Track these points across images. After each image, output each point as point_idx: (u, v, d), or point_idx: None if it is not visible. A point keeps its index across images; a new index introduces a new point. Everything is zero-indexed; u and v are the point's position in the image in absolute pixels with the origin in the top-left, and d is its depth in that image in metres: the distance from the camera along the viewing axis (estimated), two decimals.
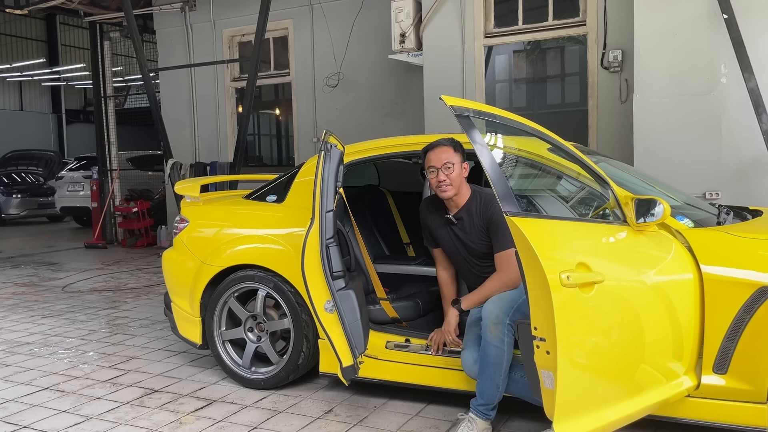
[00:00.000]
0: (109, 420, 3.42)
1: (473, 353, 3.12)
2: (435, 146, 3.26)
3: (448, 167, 3.20)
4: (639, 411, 2.62)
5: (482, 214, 3.27)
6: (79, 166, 14.02)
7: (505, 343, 2.96)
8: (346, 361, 3.25)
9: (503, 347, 2.96)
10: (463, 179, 3.27)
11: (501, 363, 2.97)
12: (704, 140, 5.19)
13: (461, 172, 3.25)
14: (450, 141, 3.27)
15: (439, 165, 3.20)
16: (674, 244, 2.77)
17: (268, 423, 3.33)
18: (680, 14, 5.24)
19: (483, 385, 3.03)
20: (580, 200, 3.45)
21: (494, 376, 2.99)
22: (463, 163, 3.26)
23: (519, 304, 3.01)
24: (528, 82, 7.30)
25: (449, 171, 3.20)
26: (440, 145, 3.25)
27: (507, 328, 2.96)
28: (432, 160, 3.23)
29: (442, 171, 3.20)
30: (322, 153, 3.25)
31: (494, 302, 3.05)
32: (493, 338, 2.97)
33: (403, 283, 4.11)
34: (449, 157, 3.21)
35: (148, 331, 5.21)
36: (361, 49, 8.67)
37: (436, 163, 3.21)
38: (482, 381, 3.03)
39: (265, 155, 10.69)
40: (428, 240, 3.54)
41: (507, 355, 2.98)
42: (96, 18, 10.69)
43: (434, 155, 3.23)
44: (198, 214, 4.20)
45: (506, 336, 2.96)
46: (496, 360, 2.97)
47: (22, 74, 24.84)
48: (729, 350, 2.66)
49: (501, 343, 2.96)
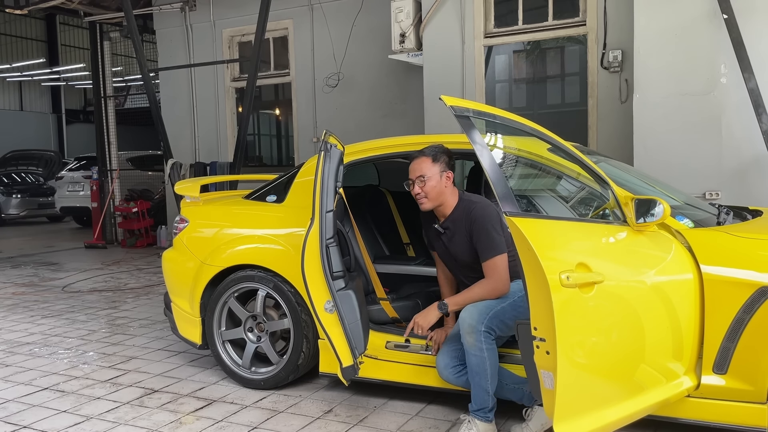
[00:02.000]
0: (109, 420, 3.42)
1: (444, 358, 3.19)
2: (415, 157, 3.22)
3: (421, 180, 3.16)
4: (639, 411, 2.62)
5: (465, 223, 3.20)
6: (79, 166, 14.02)
7: (483, 350, 2.96)
8: (346, 361, 3.25)
9: (483, 354, 2.96)
10: (443, 190, 3.20)
11: (484, 369, 2.97)
12: (704, 140, 5.19)
13: (439, 183, 3.18)
14: (432, 150, 3.21)
15: (413, 177, 3.18)
16: (674, 244, 2.77)
17: (268, 423, 3.33)
18: (680, 14, 5.24)
19: (474, 392, 3.04)
20: (580, 200, 3.45)
21: (481, 383, 3.00)
22: (445, 172, 3.19)
23: (496, 311, 3.00)
24: (528, 82, 7.30)
25: (422, 184, 3.16)
26: (419, 156, 3.21)
27: (483, 335, 2.96)
28: (409, 172, 3.21)
29: (416, 183, 3.17)
30: (322, 153, 3.25)
31: (468, 311, 3.04)
32: (470, 347, 2.98)
33: (403, 283, 4.11)
34: (423, 169, 3.16)
35: (148, 331, 5.21)
36: (361, 49, 8.67)
37: (411, 175, 3.20)
38: (473, 388, 3.04)
39: (265, 155, 10.69)
40: (429, 243, 3.54)
41: (489, 360, 2.97)
42: (96, 18, 10.69)
43: (412, 166, 3.21)
44: (198, 214, 4.20)
45: (484, 343, 2.96)
46: (478, 368, 2.98)
47: (22, 74, 24.84)
48: (729, 350, 2.67)
49: (480, 351, 2.96)
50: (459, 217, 3.23)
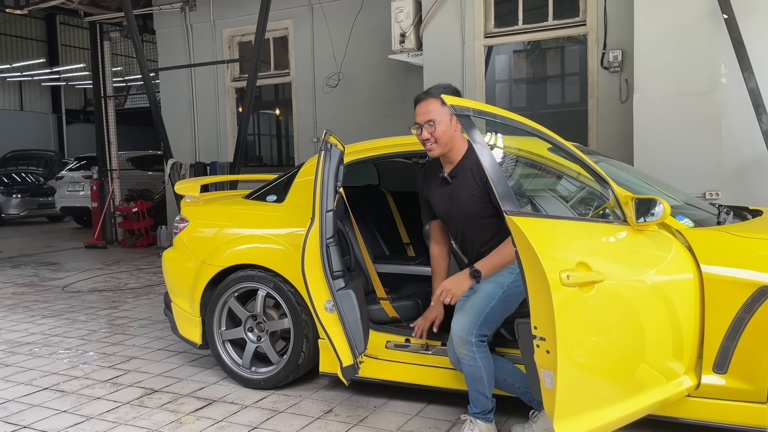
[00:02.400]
0: (109, 420, 3.42)
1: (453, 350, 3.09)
2: (421, 99, 3.01)
3: (430, 124, 2.95)
4: (639, 410, 2.62)
5: (477, 169, 2.97)
6: (79, 166, 14.03)
7: (477, 359, 2.92)
8: (346, 360, 3.25)
9: (477, 363, 2.93)
10: (454, 134, 3.00)
11: (480, 376, 2.95)
12: (704, 140, 5.19)
13: (450, 127, 2.98)
14: (440, 90, 2.93)
15: (421, 122, 2.99)
16: (674, 243, 2.77)
17: (268, 423, 3.33)
18: (680, 14, 5.24)
19: (473, 396, 3.03)
20: (581, 200, 3.45)
21: (479, 388, 2.99)
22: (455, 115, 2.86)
23: (486, 315, 2.93)
24: (528, 82, 7.30)
25: (432, 129, 2.95)
26: (426, 98, 2.98)
27: (475, 345, 2.92)
28: (416, 115, 2.99)
29: (425, 128, 2.98)
30: (322, 153, 3.25)
31: (458, 323, 2.95)
32: (463, 357, 2.96)
33: (403, 282, 4.11)
34: (432, 112, 2.94)
35: (148, 331, 5.21)
36: (361, 49, 8.67)
37: (418, 118, 2.99)
38: (471, 392, 3.03)
39: (265, 155, 10.70)
40: (425, 211, 3.32)
41: (485, 368, 2.94)
42: (96, 18, 10.69)
43: (418, 109, 2.99)
44: (198, 214, 4.20)
45: (477, 353, 2.92)
46: (474, 376, 2.97)
47: (22, 74, 24.84)
48: (729, 350, 2.66)
49: (474, 361, 2.93)
50: (470, 163, 3.00)
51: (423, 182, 3.29)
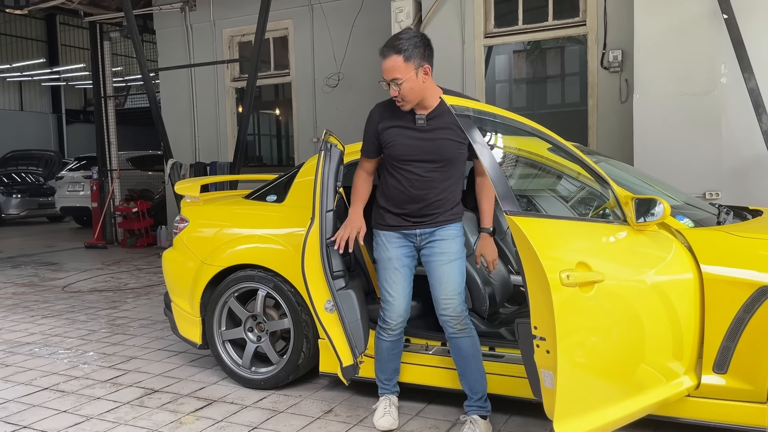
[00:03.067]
0: (109, 420, 3.42)
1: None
2: (384, 55, 2.88)
3: (396, 83, 2.87)
4: (639, 410, 2.62)
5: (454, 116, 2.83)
6: (79, 166, 14.03)
7: (472, 328, 3.09)
8: (346, 360, 3.25)
9: (473, 333, 3.08)
10: (423, 86, 2.91)
11: (479, 348, 3.09)
12: (704, 140, 5.19)
13: (416, 82, 2.88)
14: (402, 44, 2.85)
15: (387, 79, 2.90)
16: (674, 243, 2.77)
17: (268, 423, 3.33)
18: (680, 14, 5.24)
19: (472, 380, 3.09)
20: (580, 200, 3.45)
21: (479, 365, 3.09)
22: (422, 68, 2.88)
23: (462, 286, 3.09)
24: (528, 82, 7.31)
25: (398, 88, 2.88)
26: (389, 54, 2.86)
27: (467, 317, 3.07)
28: (383, 71, 2.88)
29: (391, 85, 2.89)
30: (322, 153, 3.24)
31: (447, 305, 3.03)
32: (461, 333, 3.04)
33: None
34: (396, 71, 2.85)
35: (148, 331, 5.21)
36: (361, 49, 8.67)
37: (384, 75, 2.89)
38: (469, 376, 3.09)
39: (265, 155, 10.70)
40: (371, 149, 3.14)
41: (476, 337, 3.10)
42: (96, 18, 10.69)
43: (383, 65, 2.88)
44: (198, 214, 4.20)
45: (468, 324, 3.07)
46: (474, 348, 3.07)
47: (22, 74, 24.85)
48: (729, 350, 2.66)
49: (471, 331, 3.07)
50: (447, 109, 2.80)
51: (380, 120, 3.08)
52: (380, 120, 3.08)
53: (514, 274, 4.06)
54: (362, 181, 3.24)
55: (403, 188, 3.04)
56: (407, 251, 3.14)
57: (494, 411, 3.30)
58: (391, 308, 3.12)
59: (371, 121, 3.12)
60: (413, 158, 3.01)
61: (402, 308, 3.13)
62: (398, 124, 3.03)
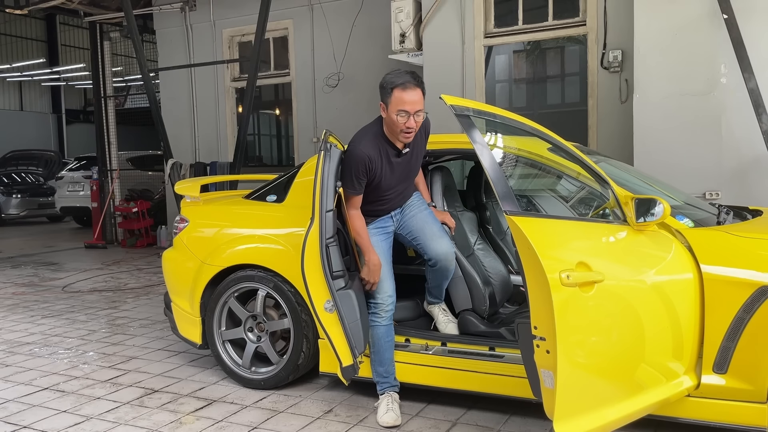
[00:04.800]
0: (109, 420, 3.42)
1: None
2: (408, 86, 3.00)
3: (419, 114, 3.03)
4: (639, 410, 2.62)
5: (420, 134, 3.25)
6: (79, 166, 14.03)
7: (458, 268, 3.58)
8: (346, 360, 3.25)
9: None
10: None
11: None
12: (704, 140, 5.19)
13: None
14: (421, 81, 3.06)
15: (411, 110, 3.01)
16: (674, 243, 2.77)
17: (268, 423, 3.33)
18: (680, 14, 5.24)
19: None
20: (580, 200, 3.45)
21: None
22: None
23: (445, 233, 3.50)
24: (528, 82, 7.30)
25: (419, 118, 3.06)
26: (415, 87, 3.02)
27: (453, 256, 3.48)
28: (407, 103, 2.99)
29: (413, 117, 3.02)
30: (322, 153, 3.24)
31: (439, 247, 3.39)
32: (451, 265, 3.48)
33: (402, 283, 4.09)
34: (421, 103, 3.03)
35: (148, 331, 5.21)
36: (361, 49, 8.67)
37: (408, 107, 3.00)
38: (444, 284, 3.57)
39: (265, 155, 10.70)
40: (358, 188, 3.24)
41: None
42: (96, 18, 10.69)
43: (409, 97, 2.99)
44: (198, 214, 4.20)
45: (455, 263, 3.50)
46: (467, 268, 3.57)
47: (22, 74, 24.83)
48: (729, 350, 2.66)
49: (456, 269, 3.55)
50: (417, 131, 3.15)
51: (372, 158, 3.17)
52: (370, 161, 3.19)
53: (514, 274, 4.06)
54: (359, 220, 3.34)
55: (384, 207, 3.42)
56: (384, 236, 3.46)
57: (494, 411, 3.31)
58: (379, 288, 3.35)
59: (362, 164, 3.17)
60: (397, 184, 3.35)
61: (389, 286, 3.37)
62: (384, 159, 3.23)
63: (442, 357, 3.35)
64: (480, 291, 3.54)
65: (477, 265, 3.68)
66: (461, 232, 3.73)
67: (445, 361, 3.33)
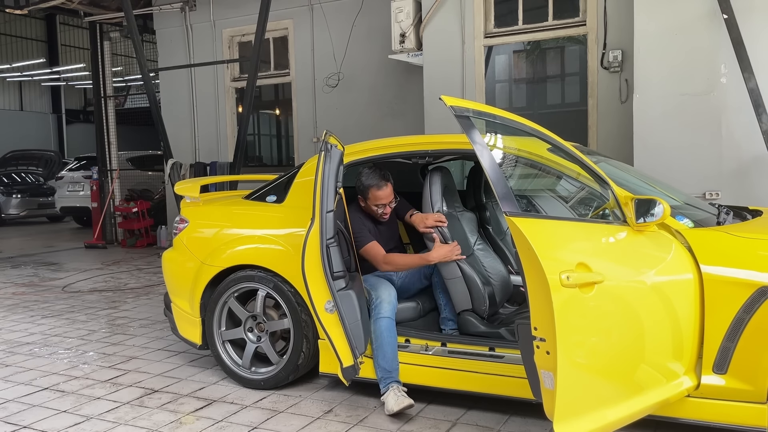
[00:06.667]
0: (109, 420, 3.42)
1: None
2: (382, 185, 3.62)
3: (393, 202, 3.69)
4: (639, 411, 2.62)
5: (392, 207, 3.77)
6: (79, 166, 14.02)
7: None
8: (346, 361, 3.25)
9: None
10: None
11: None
12: (704, 140, 5.19)
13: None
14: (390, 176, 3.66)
15: (387, 201, 3.65)
16: (674, 244, 2.77)
17: (268, 423, 3.33)
18: (680, 14, 5.24)
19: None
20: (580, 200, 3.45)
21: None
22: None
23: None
24: (528, 82, 7.30)
25: (393, 204, 3.70)
26: (387, 184, 3.64)
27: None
28: (382, 198, 3.63)
29: (389, 205, 3.67)
30: (322, 153, 3.25)
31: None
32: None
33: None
34: (392, 193, 3.66)
35: (148, 331, 5.21)
36: (361, 49, 8.67)
37: (384, 200, 3.64)
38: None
39: (265, 155, 10.69)
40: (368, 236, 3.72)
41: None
42: (96, 18, 10.69)
43: (384, 193, 3.63)
44: (198, 214, 4.20)
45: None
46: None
47: (22, 74, 24.83)
48: (729, 350, 2.67)
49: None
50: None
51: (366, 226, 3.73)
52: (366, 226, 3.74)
53: (514, 274, 4.06)
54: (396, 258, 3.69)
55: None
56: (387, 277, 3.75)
57: (494, 411, 3.31)
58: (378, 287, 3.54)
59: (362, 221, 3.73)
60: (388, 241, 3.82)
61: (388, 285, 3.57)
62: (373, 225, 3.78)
63: (442, 357, 3.36)
64: (480, 291, 3.54)
65: (477, 265, 3.68)
66: (461, 233, 3.73)
67: (445, 362, 3.33)
